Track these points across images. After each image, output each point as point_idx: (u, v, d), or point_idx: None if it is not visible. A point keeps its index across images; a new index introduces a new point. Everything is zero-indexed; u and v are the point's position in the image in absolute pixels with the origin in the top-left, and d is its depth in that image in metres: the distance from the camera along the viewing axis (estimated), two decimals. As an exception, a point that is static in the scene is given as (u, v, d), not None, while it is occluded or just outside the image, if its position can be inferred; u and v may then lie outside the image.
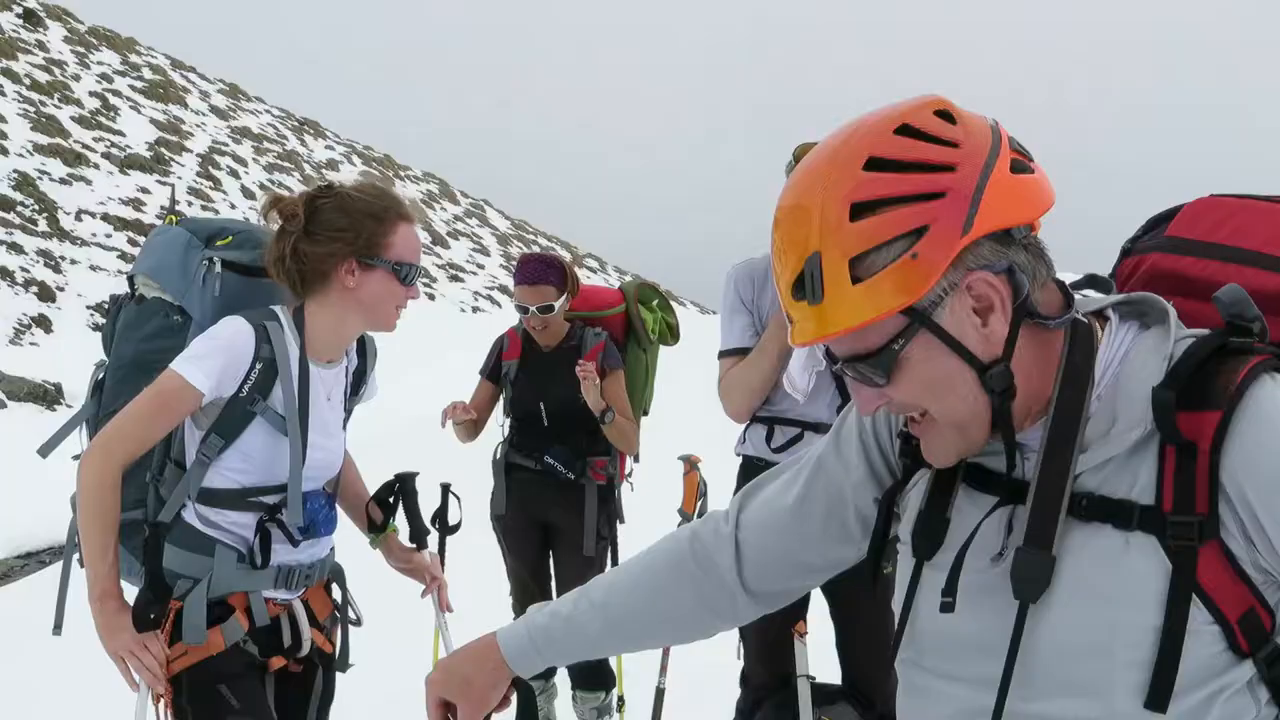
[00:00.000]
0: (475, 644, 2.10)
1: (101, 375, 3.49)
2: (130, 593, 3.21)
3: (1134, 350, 1.64)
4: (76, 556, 3.33)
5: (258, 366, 3.16)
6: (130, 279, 3.52)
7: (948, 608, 1.67)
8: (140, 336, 3.40)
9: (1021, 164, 1.57)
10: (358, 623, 3.68)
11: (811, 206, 1.56)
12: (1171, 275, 1.78)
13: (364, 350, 3.59)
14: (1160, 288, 1.73)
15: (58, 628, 3.42)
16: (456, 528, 5.44)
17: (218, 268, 3.31)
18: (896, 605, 1.81)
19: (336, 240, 3.23)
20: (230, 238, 3.42)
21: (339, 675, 3.66)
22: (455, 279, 41.17)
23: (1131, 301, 1.69)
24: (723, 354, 4.42)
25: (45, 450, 3.51)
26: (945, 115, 1.57)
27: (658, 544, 2.13)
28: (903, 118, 1.56)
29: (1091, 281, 1.73)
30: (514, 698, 2.11)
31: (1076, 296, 1.68)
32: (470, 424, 5.56)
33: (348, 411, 3.55)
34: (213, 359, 3.11)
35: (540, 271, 5.35)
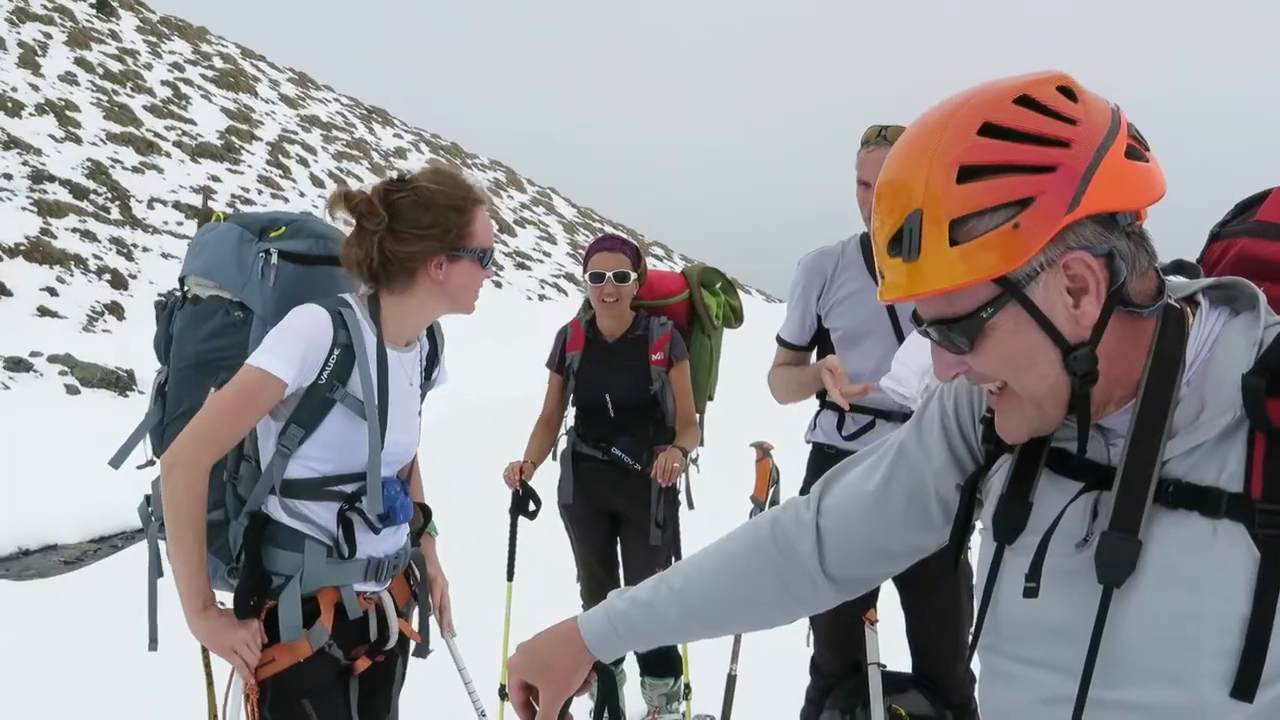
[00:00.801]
0: (556, 628, 2.11)
1: (162, 380, 3.46)
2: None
3: (1223, 336, 1.60)
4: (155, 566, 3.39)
5: (335, 352, 3.13)
6: (182, 280, 3.48)
7: (1031, 592, 1.64)
8: (200, 336, 3.36)
9: (1137, 151, 1.54)
10: (430, 610, 3.68)
11: (919, 165, 1.54)
12: (1261, 260, 1.73)
13: (433, 334, 3.57)
14: (1249, 272, 1.69)
15: (153, 643, 3.41)
16: (535, 513, 5.46)
17: (274, 259, 3.29)
18: (977, 591, 1.79)
19: (425, 238, 3.19)
20: (284, 228, 3.39)
21: (412, 661, 3.66)
22: (522, 267, 41.35)
23: (1221, 286, 1.65)
24: (779, 339, 4.48)
25: (116, 461, 3.48)
26: (1067, 92, 1.54)
27: (738, 530, 2.12)
28: (1024, 89, 1.54)
29: (1179, 267, 1.69)
30: (594, 682, 2.11)
31: (1167, 282, 1.65)
32: (545, 434, 5.61)
33: (422, 397, 3.52)
34: (292, 347, 3.07)
35: (618, 243, 5.36)
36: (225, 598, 3.21)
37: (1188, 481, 1.53)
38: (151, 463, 3.46)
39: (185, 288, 3.44)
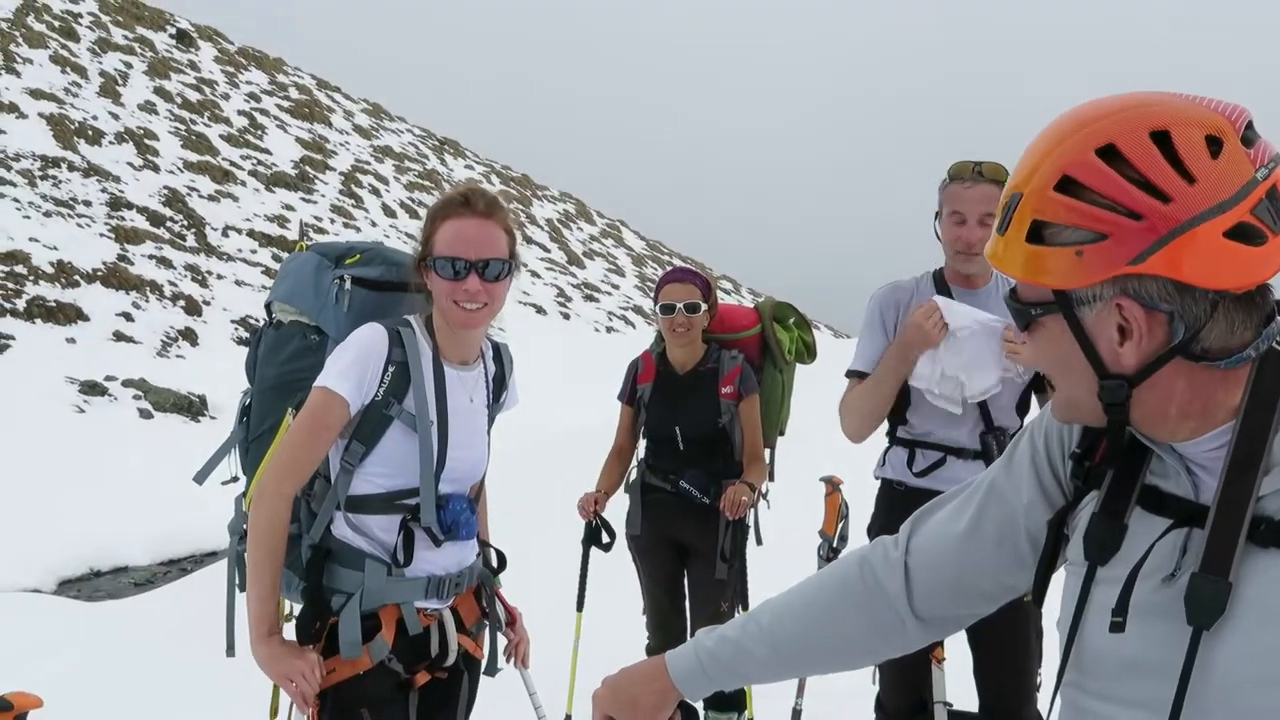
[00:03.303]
0: (644, 664, 2.13)
1: (247, 401, 3.62)
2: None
3: None
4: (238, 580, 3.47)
5: (390, 370, 3.22)
6: (268, 306, 3.65)
7: (1117, 627, 1.61)
8: (281, 359, 3.52)
9: (1252, 231, 1.46)
10: (500, 628, 3.69)
11: (1042, 154, 1.56)
12: None
13: (500, 357, 3.63)
14: None
15: (231, 649, 3.49)
16: (609, 545, 5.46)
17: (348, 284, 3.43)
18: (1061, 626, 1.75)
19: (418, 249, 3.35)
20: (359, 255, 3.53)
21: (482, 680, 3.67)
22: (590, 299, 41.44)
23: None
24: (850, 373, 4.32)
25: (200, 477, 3.62)
26: (1213, 142, 1.48)
27: (826, 569, 2.12)
28: (1167, 125, 1.49)
29: None
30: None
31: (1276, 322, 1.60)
32: (617, 465, 5.63)
33: (490, 418, 3.57)
34: (348, 364, 3.18)
35: (688, 274, 5.39)
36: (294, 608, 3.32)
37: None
38: (235, 479, 3.60)
39: (272, 313, 3.60)
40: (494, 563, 3.76)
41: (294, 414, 3.32)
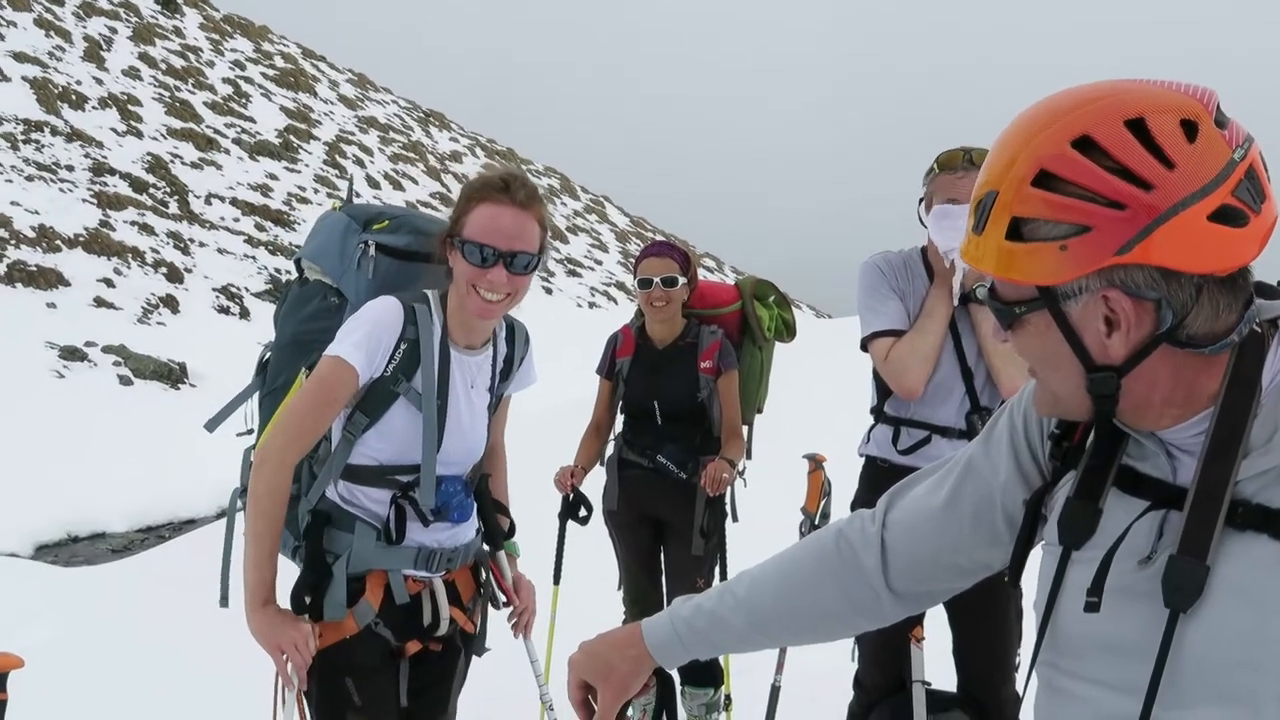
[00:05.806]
0: (620, 631, 2.14)
1: (267, 355, 3.62)
2: (284, 566, 3.27)
3: None
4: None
5: (402, 347, 3.20)
6: (298, 262, 3.64)
7: (1092, 607, 1.62)
8: (301, 317, 3.52)
9: (1234, 212, 1.47)
10: (496, 605, 3.70)
11: (1015, 148, 1.55)
12: None
13: (513, 338, 3.59)
14: None
15: (224, 600, 3.50)
16: (586, 519, 5.47)
17: (372, 251, 3.40)
18: (1038, 606, 1.77)
19: (450, 223, 3.30)
20: (387, 222, 3.49)
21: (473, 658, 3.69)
22: (573, 274, 41.37)
23: None
24: (878, 334, 4.13)
25: (212, 425, 3.61)
26: (1189, 127, 1.48)
27: (804, 540, 2.14)
28: (1144, 112, 1.49)
29: (1258, 289, 1.66)
30: (654, 686, 2.14)
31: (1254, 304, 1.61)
32: (595, 440, 5.63)
33: (497, 397, 3.54)
34: (365, 337, 3.15)
35: (666, 248, 5.39)
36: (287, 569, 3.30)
37: (1258, 503, 1.51)
38: (250, 431, 3.60)
39: (301, 269, 3.59)
40: (504, 528, 3.73)
41: (307, 374, 3.31)
